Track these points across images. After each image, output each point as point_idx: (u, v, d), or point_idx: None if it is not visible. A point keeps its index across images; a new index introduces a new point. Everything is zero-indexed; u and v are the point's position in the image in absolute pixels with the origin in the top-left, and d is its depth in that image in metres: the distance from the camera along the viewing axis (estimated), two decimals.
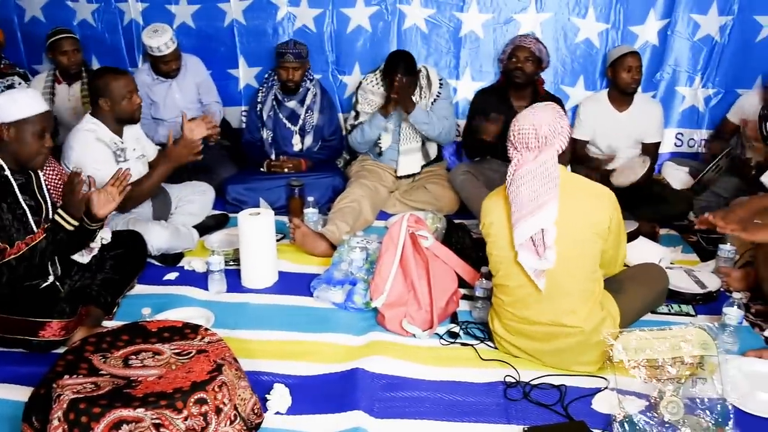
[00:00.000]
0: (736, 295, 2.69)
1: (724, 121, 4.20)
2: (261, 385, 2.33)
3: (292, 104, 4.10)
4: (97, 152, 3.12)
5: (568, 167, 2.60)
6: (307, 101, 4.10)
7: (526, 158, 2.34)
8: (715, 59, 4.31)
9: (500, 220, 2.42)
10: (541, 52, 3.92)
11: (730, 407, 2.12)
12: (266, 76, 4.22)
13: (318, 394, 2.36)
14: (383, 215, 3.88)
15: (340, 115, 4.47)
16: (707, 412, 2.12)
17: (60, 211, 2.53)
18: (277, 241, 3.35)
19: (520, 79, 3.88)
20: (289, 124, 4.12)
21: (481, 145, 3.87)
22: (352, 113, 4.06)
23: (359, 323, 2.81)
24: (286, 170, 4.05)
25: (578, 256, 2.35)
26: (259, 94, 4.17)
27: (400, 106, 3.79)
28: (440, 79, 4.00)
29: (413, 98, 3.83)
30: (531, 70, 3.89)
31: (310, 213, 3.61)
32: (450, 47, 4.37)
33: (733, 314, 2.62)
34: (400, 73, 3.70)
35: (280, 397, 2.26)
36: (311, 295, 3.01)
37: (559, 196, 2.29)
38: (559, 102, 3.79)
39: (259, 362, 2.51)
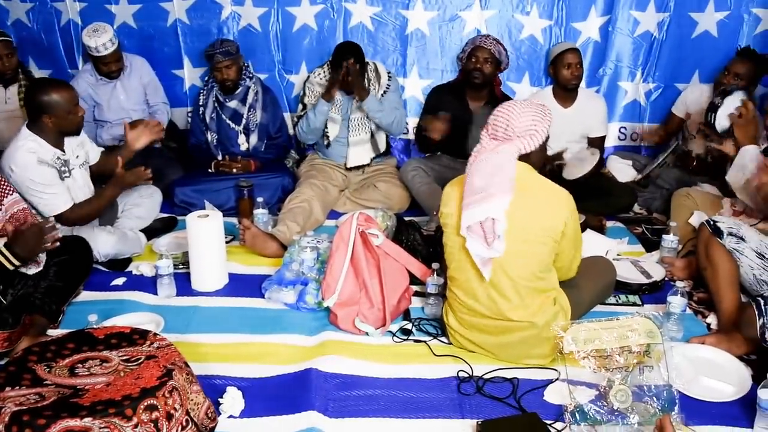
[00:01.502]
0: (679, 284, 2.77)
1: (670, 115, 4.31)
2: (214, 388, 2.29)
3: (233, 104, 4.06)
4: (40, 176, 2.95)
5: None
6: (249, 99, 4.06)
7: (488, 146, 2.37)
8: (654, 55, 4.41)
9: (455, 210, 2.43)
10: (501, 53, 3.97)
11: (675, 393, 2.18)
12: (206, 78, 4.18)
13: (272, 395, 2.34)
14: (334, 214, 3.87)
15: (287, 114, 4.44)
16: (654, 398, 2.17)
17: (3, 248, 2.45)
18: (227, 242, 3.31)
19: (478, 79, 3.91)
20: (232, 125, 4.08)
21: (430, 142, 3.90)
22: (300, 107, 4.04)
23: (312, 323, 2.79)
24: (234, 171, 4.00)
25: (528, 255, 2.37)
26: (201, 97, 4.12)
27: (353, 94, 3.79)
28: (389, 72, 4.02)
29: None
30: (490, 71, 3.93)
31: (260, 214, 3.58)
32: (397, 45, 4.38)
33: (677, 303, 2.69)
34: (349, 57, 3.70)
35: (233, 400, 2.23)
36: (262, 296, 2.98)
37: (518, 196, 2.31)
38: None
39: (212, 365, 2.48)
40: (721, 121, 3.35)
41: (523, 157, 2.37)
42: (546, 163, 3.83)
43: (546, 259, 2.40)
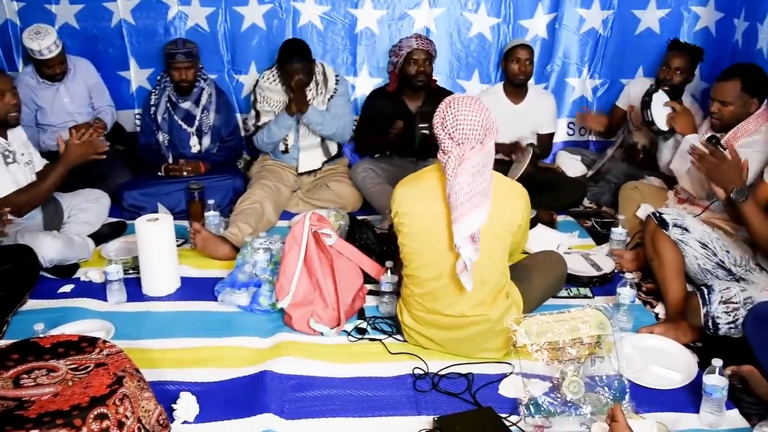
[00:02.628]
0: (628, 276, 2.83)
1: (614, 108, 4.40)
2: (167, 394, 2.26)
3: (186, 105, 4.00)
4: None
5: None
6: (203, 101, 4.00)
7: (463, 152, 2.30)
8: (600, 51, 4.50)
9: (417, 211, 2.42)
10: (435, 51, 3.98)
11: (626, 382, 2.23)
12: (158, 78, 4.10)
13: (226, 399, 2.31)
14: (286, 215, 3.84)
15: (238, 115, 4.40)
16: (606, 388, 2.22)
17: None
18: (178, 246, 3.26)
19: (423, 82, 3.92)
20: (185, 126, 4.01)
21: (375, 144, 3.91)
22: (252, 113, 4.00)
23: (266, 325, 2.77)
24: (184, 173, 3.94)
25: (494, 251, 2.39)
26: (152, 97, 4.04)
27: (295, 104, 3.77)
28: (336, 76, 3.99)
29: (307, 95, 3.80)
30: (430, 71, 3.95)
31: (211, 216, 3.53)
32: (346, 44, 4.37)
33: (626, 294, 2.74)
34: (295, 64, 3.67)
35: (186, 405, 2.20)
36: (215, 299, 2.94)
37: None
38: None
39: (164, 371, 2.44)
40: (659, 120, 3.45)
41: None
42: (504, 154, 3.90)
43: (506, 253, 2.45)
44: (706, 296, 2.56)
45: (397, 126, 3.79)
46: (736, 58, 3.78)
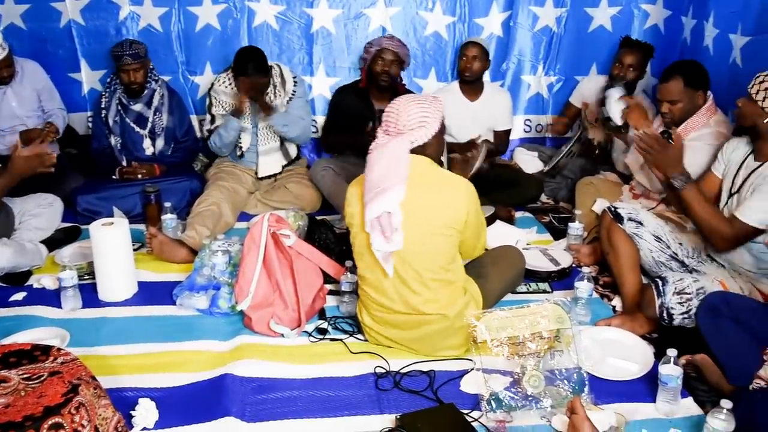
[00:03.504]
0: (585, 270, 2.87)
1: (567, 105, 4.46)
2: (125, 401, 2.22)
3: (138, 107, 3.93)
4: None
5: (445, 161, 2.67)
6: (155, 103, 3.94)
7: (382, 142, 2.39)
8: (554, 49, 4.56)
9: (360, 208, 2.43)
10: (405, 55, 4.00)
11: (585, 375, 2.27)
12: (108, 80, 4.02)
13: (187, 404, 2.28)
14: (244, 217, 3.80)
15: (194, 117, 4.34)
16: (565, 381, 2.25)
17: None
18: (135, 250, 3.21)
19: (386, 82, 3.94)
20: (137, 128, 3.94)
21: (344, 143, 3.91)
22: (208, 117, 3.94)
23: (226, 328, 2.74)
24: (140, 176, 3.87)
25: (433, 248, 2.39)
26: (103, 100, 3.96)
27: (258, 108, 3.74)
28: (294, 77, 3.96)
29: (267, 98, 3.78)
30: (396, 73, 3.96)
31: (168, 219, 3.48)
32: (302, 44, 4.34)
33: (583, 288, 2.78)
34: (251, 75, 3.64)
35: (145, 411, 2.17)
36: (174, 303, 2.91)
37: (418, 189, 2.33)
38: None
39: (122, 378, 2.40)
40: (614, 116, 3.51)
41: (421, 151, 2.39)
42: (460, 153, 3.91)
43: (451, 250, 2.44)
44: (661, 288, 2.62)
45: (371, 127, 3.79)
46: (685, 55, 3.86)
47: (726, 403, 1.97)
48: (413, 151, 2.37)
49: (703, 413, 2.20)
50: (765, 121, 2.55)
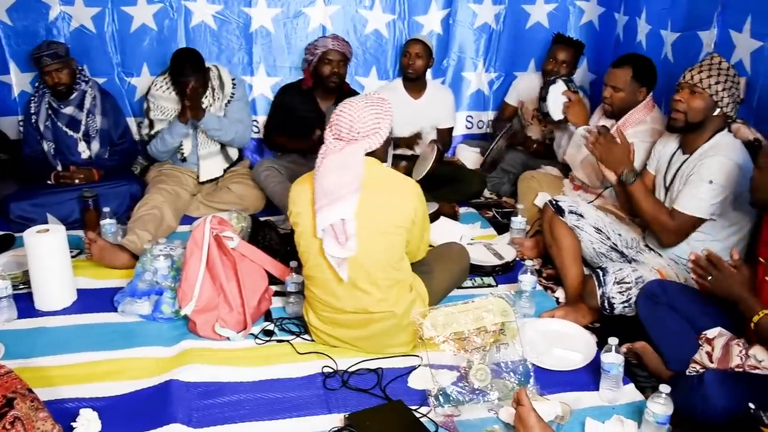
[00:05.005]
0: (528, 263, 2.91)
1: (503, 105, 4.53)
2: (66, 413, 2.15)
3: (69, 110, 3.80)
4: None
5: (389, 162, 2.67)
6: (86, 105, 3.82)
7: (335, 147, 2.36)
8: (494, 45, 4.62)
9: (307, 210, 2.41)
10: (350, 53, 3.99)
11: (530, 366, 2.30)
12: (36, 84, 3.89)
13: (130, 413, 2.23)
14: (187, 220, 3.73)
15: (131, 119, 4.24)
16: (512, 373, 2.28)
17: None
18: (73, 257, 3.12)
19: (335, 84, 3.93)
20: (70, 132, 3.82)
21: (287, 146, 3.92)
22: (146, 121, 3.86)
23: (170, 333, 2.69)
24: (76, 181, 3.76)
25: (383, 247, 2.40)
26: (32, 104, 3.82)
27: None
28: (233, 79, 3.90)
29: (203, 102, 3.71)
30: (344, 73, 3.95)
31: (108, 224, 3.40)
32: (242, 43, 4.29)
33: (527, 280, 2.82)
34: (188, 77, 3.58)
35: (87, 422, 2.11)
36: (115, 310, 2.83)
37: (367, 190, 2.33)
38: None
39: (62, 389, 2.32)
40: (554, 111, 3.57)
41: (369, 152, 2.40)
42: (404, 147, 3.95)
43: (399, 249, 2.45)
44: (602, 278, 2.68)
45: (317, 135, 3.79)
46: (618, 51, 3.95)
47: (664, 388, 2.03)
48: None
49: (644, 399, 2.26)
50: (715, 114, 2.62)
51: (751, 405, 1.83)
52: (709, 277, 2.21)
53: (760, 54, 2.88)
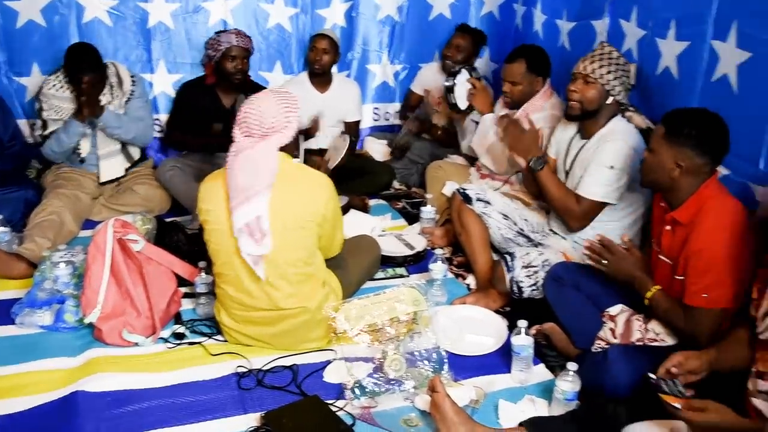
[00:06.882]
0: (439, 252, 2.95)
1: (409, 93, 4.58)
2: None
3: None
4: None
5: (300, 158, 2.64)
6: None
7: (246, 144, 2.31)
8: (398, 37, 4.64)
9: (219, 207, 2.37)
10: (253, 48, 3.91)
11: (444, 353, 2.34)
12: None
13: (34, 429, 2.14)
14: (89, 224, 3.57)
15: (23, 121, 3.99)
16: (426, 361, 2.31)
17: None
18: None
19: (240, 80, 3.85)
20: None
21: (189, 143, 3.85)
22: (39, 122, 3.65)
23: (74, 343, 2.59)
24: None
25: (296, 243, 2.38)
26: None
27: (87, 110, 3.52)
28: (132, 76, 3.76)
29: (101, 99, 3.57)
30: (247, 68, 3.88)
31: (1, 233, 3.22)
32: (140, 40, 4.13)
33: (438, 269, 2.86)
34: (85, 73, 3.43)
35: None
36: (13, 322, 2.69)
37: (278, 185, 2.30)
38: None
39: None
40: (460, 99, 3.63)
41: (280, 147, 2.36)
42: (308, 134, 3.93)
43: (311, 244, 2.43)
44: (510, 263, 2.75)
45: (216, 129, 3.72)
46: (519, 40, 4.04)
47: (572, 366, 2.11)
48: None
49: (554, 378, 2.32)
50: (608, 102, 2.72)
51: (651, 375, 1.92)
52: (604, 261, 2.35)
53: (643, 42, 3.00)
